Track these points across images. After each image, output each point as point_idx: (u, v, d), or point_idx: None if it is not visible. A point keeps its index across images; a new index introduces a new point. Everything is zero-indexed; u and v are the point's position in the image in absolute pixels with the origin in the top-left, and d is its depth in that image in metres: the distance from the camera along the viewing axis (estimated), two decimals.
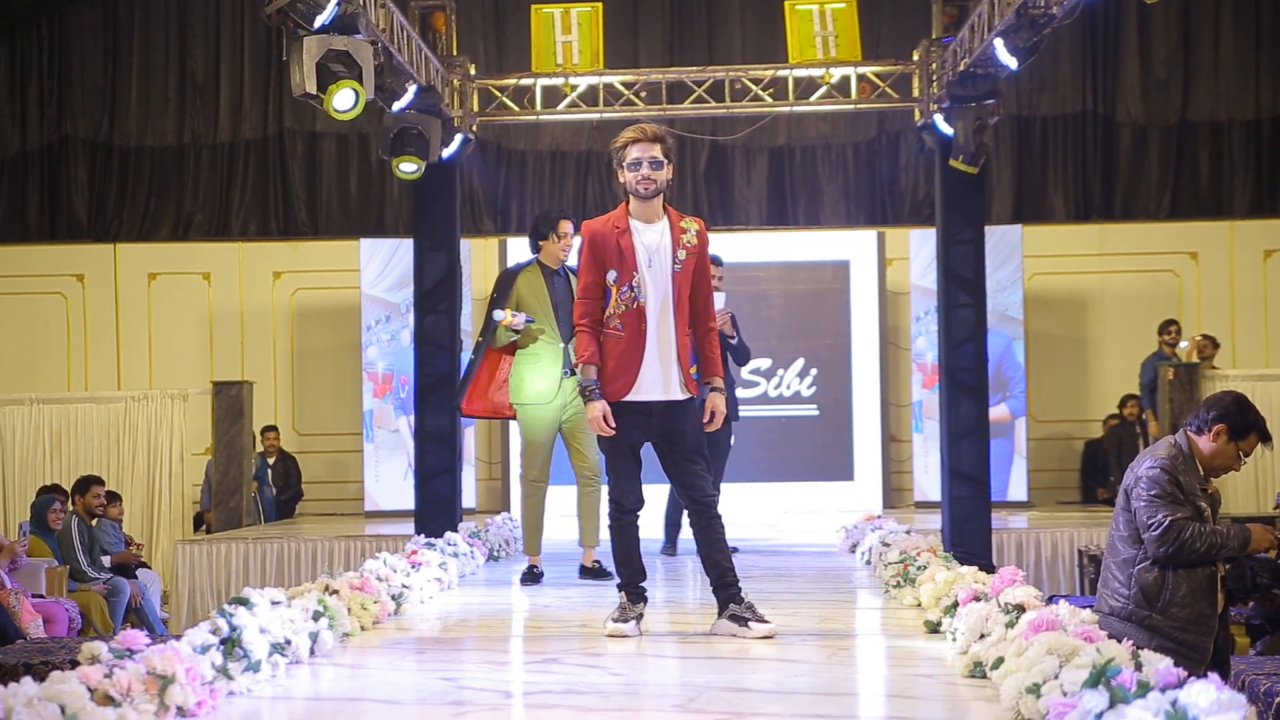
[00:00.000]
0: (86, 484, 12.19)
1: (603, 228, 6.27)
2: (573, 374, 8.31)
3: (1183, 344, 14.89)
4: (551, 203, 17.09)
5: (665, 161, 6.24)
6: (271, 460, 15.83)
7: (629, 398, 6.20)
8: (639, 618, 6.26)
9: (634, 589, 6.32)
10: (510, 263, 16.14)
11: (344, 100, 8.83)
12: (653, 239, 6.22)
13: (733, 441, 10.10)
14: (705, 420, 6.29)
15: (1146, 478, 5.79)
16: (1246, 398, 5.95)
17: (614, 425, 6.16)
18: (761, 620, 6.09)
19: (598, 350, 6.21)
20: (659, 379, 6.19)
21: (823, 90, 12.21)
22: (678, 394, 6.22)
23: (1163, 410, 14.02)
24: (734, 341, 9.85)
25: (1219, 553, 5.72)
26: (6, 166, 17.24)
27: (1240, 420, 5.84)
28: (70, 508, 11.91)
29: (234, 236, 17.09)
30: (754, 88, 12.24)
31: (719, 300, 9.87)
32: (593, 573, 8.63)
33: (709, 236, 6.39)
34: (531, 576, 8.54)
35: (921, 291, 15.53)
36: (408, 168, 11.15)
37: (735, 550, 9.76)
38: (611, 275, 6.20)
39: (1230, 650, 6.16)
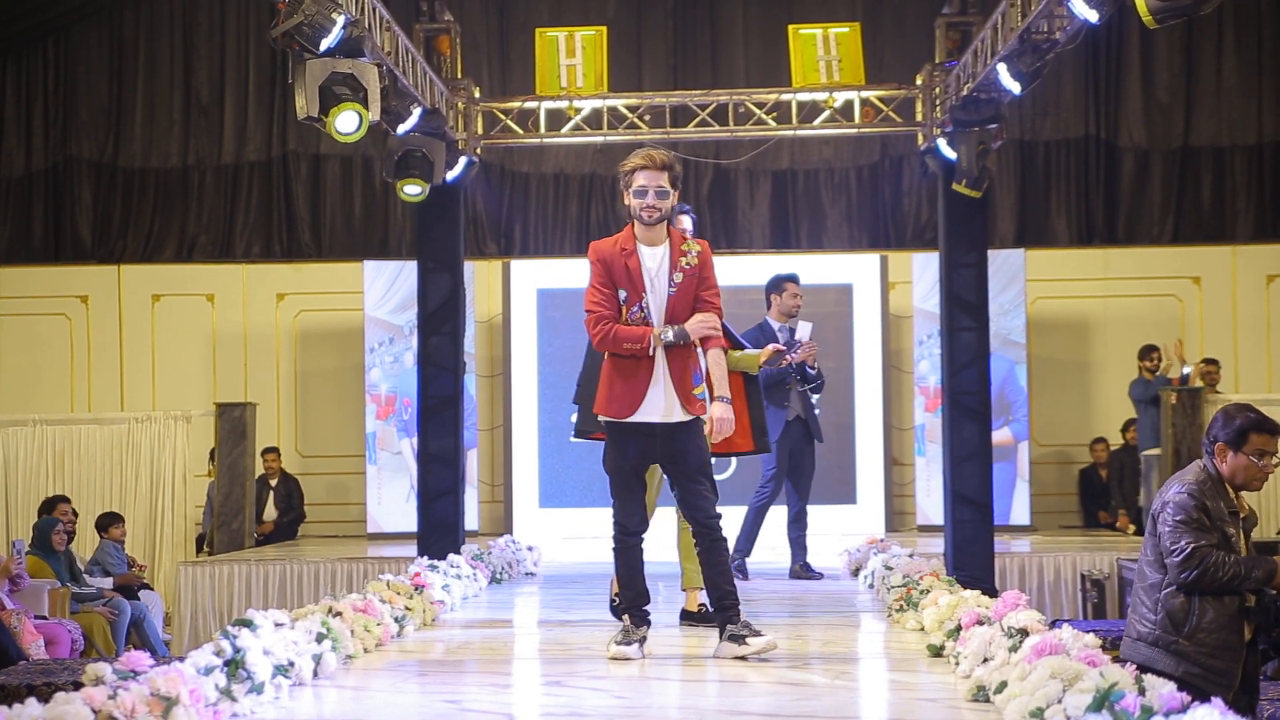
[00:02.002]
0: (53, 504, 12.15)
1: (610, 250, 6.31)
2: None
3: (1186, 369, 14.85)
4: (555, 226, 17.11)
5: (671, 190, 6.28)
6: (273, 482, 15.83)
7: (632, 419, 6.23)
8: (642, 641, 6.26)
9: (637, 612, 6.33)
10: (513, 286, 16.21)
11: (346, 123, 8.85)
12: (654, 262, 6.29)
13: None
14: (707, 431, 6.29)
15: (1173, 503, 5.73)
16: (1234, 406, 5.87)
17: None
18: (757, 634, 6.10)
19: None
20: (661, 400, 6.23)
21: (826, 114, 12.24)
22: (679, 415, 6.25)
23: (1165, 435, 14.00)
24: (813, 373, 9.98)
25: (1242, 583, 5.64)
26: (11, 187, 17.26)
27: (1230, 430, 5.77)
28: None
29: (238, 258, 17.11)
30: (757, 111, 12.28)
31: (805, 330, 9.98)
32: (700, 617, 7.46)
33: (713, 259, 6.41)
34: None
35: (924, 315, 15.55)
36: (412, 190, 11.18)
37: (820, 576, 10.18)
38: (621, 295, 6.24)
39: (1259, 676, 6.02)
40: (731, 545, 9.72)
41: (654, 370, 6.21)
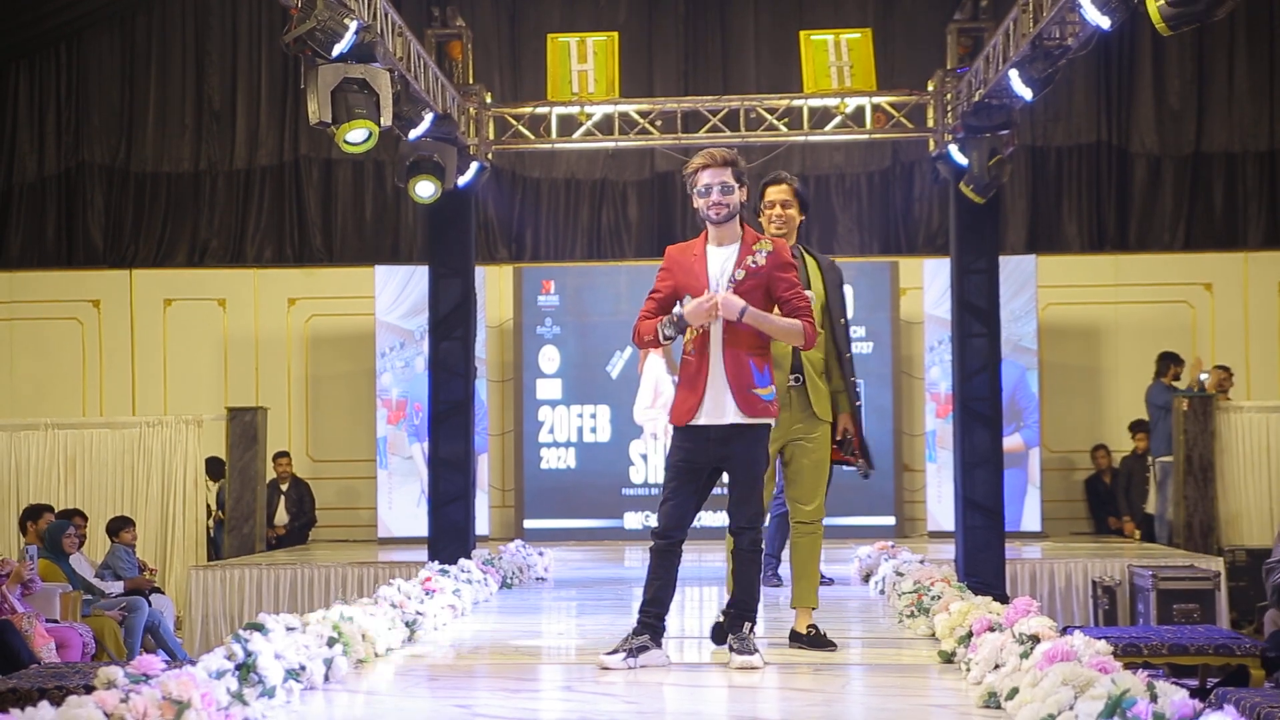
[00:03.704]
0: (38, 511, 12.14)
1: (682, 254, 6.29)
2: (798, 382, 7.04)
3: (1203, 375, 14.82)
4: (566, 231, 17.13)
5: (737, 185, 6.20)
6: (285, 486, 15.85)
7: (692, 421, 6.17)
8: (635, 650, 6.07)
9: (643, 618, 6.18)
10: (525, 291, 16.23)
11: (355, 136, 8.86)
12: (720, 263, 6.20)
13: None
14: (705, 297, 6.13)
15: None
16: None
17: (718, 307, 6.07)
18: (747, 653, 6.05)
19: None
20: (716, 403, 6.13)
21: (837, 120, 12.23)
22: (734, 418, 6.13)
23: (1177, 442, 13.98)
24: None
25: None
26: (24, 192, 17.32)
27: None
28: (24, 537, 11.91)
29: (249, 263, 17.14)
30: (769, 117, 12.27)
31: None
32: (809, 640, 6.86)
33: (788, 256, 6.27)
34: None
35: (935, 321, 15.53)
36: (424, 190, 11.14)
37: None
38: (687, 300, 6.19)
39: None
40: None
41: (708, 374, 6.14)
